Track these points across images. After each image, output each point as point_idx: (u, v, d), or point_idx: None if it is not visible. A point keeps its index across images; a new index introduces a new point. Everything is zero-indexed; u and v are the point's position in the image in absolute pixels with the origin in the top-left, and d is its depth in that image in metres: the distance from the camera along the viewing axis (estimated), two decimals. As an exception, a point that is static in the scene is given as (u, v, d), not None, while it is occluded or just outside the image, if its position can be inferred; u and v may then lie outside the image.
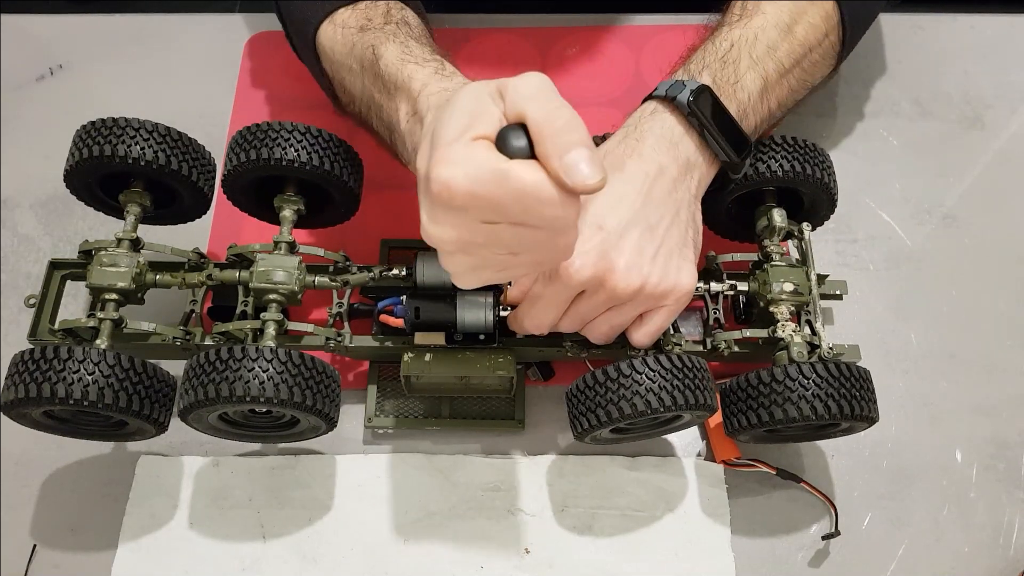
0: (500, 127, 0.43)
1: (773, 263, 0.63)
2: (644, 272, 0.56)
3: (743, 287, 0.64)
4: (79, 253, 0.63)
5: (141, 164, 0.60)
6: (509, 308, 0.61)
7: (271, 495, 0.64)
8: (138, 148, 0.60)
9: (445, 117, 0.45)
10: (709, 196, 0.63)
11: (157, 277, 0.63)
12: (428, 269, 0.61)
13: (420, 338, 0.61)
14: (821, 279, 0.68)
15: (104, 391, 0.54)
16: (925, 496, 0.65)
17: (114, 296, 0.60)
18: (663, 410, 0.54)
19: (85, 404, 0.53)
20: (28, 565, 0.63)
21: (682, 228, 0.59)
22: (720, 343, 0.62)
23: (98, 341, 0.59)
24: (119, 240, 0.62)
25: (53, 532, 0.64)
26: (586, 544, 0.63)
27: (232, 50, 0.85)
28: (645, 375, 0.55)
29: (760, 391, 0.56)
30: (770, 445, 0.65)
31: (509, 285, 0.60)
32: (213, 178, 0.66)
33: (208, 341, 0.62)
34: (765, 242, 0.64)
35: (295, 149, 0.61)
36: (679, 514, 0.64)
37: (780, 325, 0.61)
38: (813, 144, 0.65)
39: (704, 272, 0.65)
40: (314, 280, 0.63)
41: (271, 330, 0.60)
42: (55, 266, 0.65)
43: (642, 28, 0.85)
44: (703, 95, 0.59)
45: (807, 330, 0.62)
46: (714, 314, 0.64)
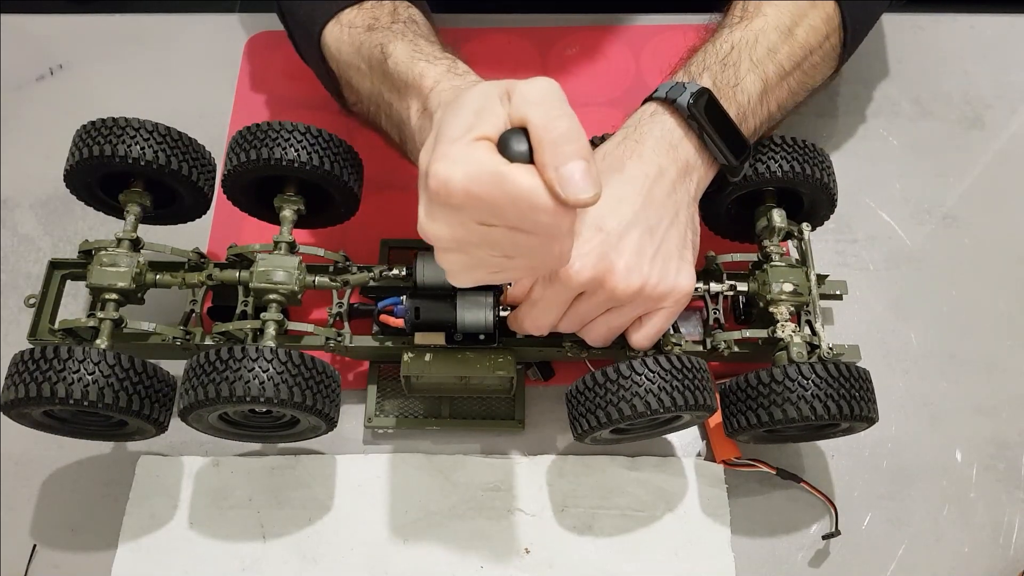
0: (504, 129, 0.43)
1: (773, 263, 0.63)
2: (644, 273, 0.56)
3: (743, 287, 0.64)
4: (79, 253, 0.63)
5: (141, 164, 0.60)
6: (509, 308, 0.61)
7: (271, 495, 0.64)
8: (138, 148, 0.60)
9: (451, 114, 0.45)
10: (709, 197, 0.63)
11: (157, 277, 0.63)
12: (428, 269, 0.61)
13: (420, 338, 0.61)
14: (821, 279, 0.68)
15: (104, 391, 0.54)
16: (925, 496, 0.65)
17: (114, 296, 0.60)
18: (663, 411, 0.54)
19: (85, 404, 0.53)
20: (28, 565, 0.63)
21: (681, 230, 0.59)
22: (720, 343, 0.62)
23: (98, 341, 0.59)
24: (119, 240, 0.62)
25: (53, 532, 0.64)
26: (586, 544, 0.63)
27: (232, 50, 0.85)
28: (645, 376, 0.55)
29: (760, 391, 0.56)
30: (770, 445, 0.65)
31: (509, 285, 0.60)
32: (213, 178, 0.66)
33: (208, 341, 0.62)
34: (765, 242, 0.64)
35: (295, 149, 0.61)
36: (679, 514, 0.64)
37: (780, 325, 0.61)
38: (813, 144, 0.65)
39: (704, 272, 0.65)
40: (314, 280, 0.63)
41: (271, 330, 0.60)
42: (55, 266, 0.65)
43: (642, 28, 0.85)
44: (703, 98, 0.59)
45: (807, 330, 0.62)
46: (714, 314, 0.64)
